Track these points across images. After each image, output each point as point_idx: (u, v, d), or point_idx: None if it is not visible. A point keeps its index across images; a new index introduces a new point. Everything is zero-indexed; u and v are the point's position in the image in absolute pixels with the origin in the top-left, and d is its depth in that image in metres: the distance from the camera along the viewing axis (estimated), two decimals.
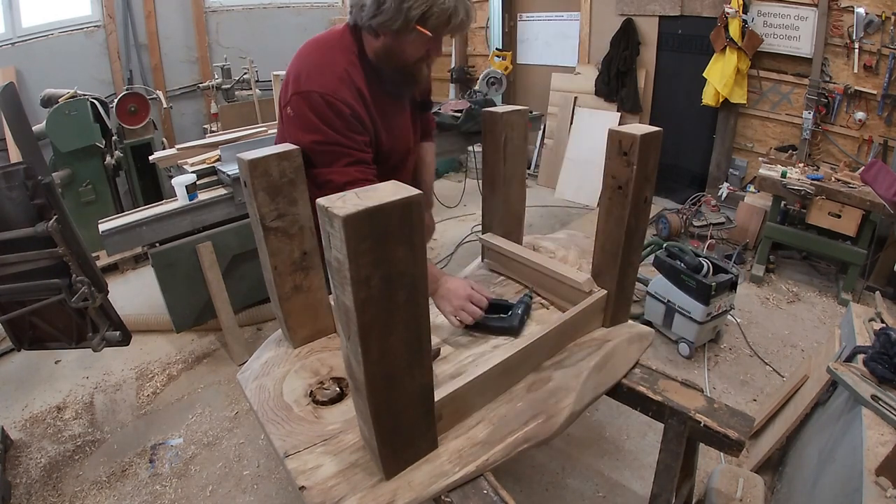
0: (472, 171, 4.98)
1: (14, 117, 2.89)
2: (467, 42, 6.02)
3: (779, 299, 3.23)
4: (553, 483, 2.01)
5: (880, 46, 3.22)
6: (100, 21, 4.40)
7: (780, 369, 2.56)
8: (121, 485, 2.07)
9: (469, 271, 1.72)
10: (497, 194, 1.59)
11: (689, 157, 4.41)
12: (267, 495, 2.01)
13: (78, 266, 1.78)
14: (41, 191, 1.67)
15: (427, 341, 0.89)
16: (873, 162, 2.98)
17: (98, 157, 3.61)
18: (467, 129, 3.21)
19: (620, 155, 1.20)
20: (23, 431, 2.36)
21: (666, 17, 4.24)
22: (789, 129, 3.82)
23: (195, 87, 4.79)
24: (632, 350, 1.39)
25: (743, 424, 1.20)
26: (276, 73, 3.25)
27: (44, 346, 2.04)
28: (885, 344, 1.54)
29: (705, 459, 2.02)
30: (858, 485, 1.23)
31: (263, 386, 1.23)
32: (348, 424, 1.08)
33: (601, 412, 2.32)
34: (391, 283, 0.79)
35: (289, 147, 1.16)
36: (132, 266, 3.87)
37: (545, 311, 1.48)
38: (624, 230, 1.26)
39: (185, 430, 2.34)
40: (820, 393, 1.78)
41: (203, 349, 2.92)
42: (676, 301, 2.62)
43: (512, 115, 1.48)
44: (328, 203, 0.74)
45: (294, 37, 5.48)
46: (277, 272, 1.23)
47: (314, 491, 0.95)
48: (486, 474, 1.02)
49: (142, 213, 2.46)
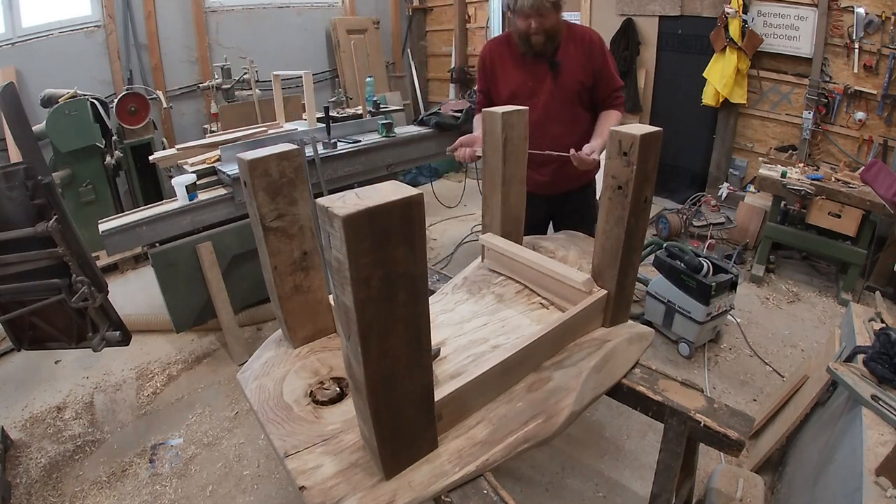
0: (472, 171, 4.98)
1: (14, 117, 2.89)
2: (467, 42, 6.03)
3: (779, 299, 3.23)
4: (553, 483, 2.01)
5: (880, 46, 3.22)
6: (100, 21, 4.39)
7: (780, 369, 2.56)
8: (121, 485, 2.07)
9: (469, 271, 1.72)
10: (497, 194, 1.59)
11: (689, 157, 4.41)
12: (267, 495, 2.01)
13: (78, 266, 1.78)
14: (41, 191, 1.67)
15: (427, 341, 0.89)
16: (873, 162, 2.98)
17: (98, 157, 3.62)
18: (467, 129, 3.21)
19: (620, 155, 1.20)
20: (23, 431, 2.36)
21: (666, 17, 4.24)
22: (789, 129, 3.82)
23: (195, 87, 4.79)
24: (632, 350, 1.39)
25: (743, 424, 1.20)
26: (276, 73, 3.25)
27: (44, 346, 2.05)
28: (885, 344, 1.54)
29: (705, 459, 2.02)
30: (858, 485, 1.23)
31: (263, 386, 1.23)
32: (348, 424, 1.08)
33: (601, 412, 2.32)
34: (391, 283, 0.79)
35: (288, 147, 1.16)
36: (132, 266, 3.87)
37: (545, 311, 1.48)
38: (624, 230, 1.26)
39: (185, 430, 2.34)
40: (820, 393, 1.78)
41: (203, 349, 2.92)
42: (676, 301, 2.62)
43: (512, 115, 1.47)
44: (328, 203, 0.74)
45: (294, 37, 5.49)
46: (277, 272, 1.23)
47: (314, 491, 0.95)
48: (486, 474, 1.02)
49: (142, 213, 2.47)
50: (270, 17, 5.33)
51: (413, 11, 6.36)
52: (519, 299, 1.52)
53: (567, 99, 2.06)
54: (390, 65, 6.33)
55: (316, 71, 5.38)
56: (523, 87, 2.07)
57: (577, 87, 2.04)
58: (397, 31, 6.38)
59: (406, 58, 6.46)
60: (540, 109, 2.04)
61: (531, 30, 1.91)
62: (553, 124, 2.07)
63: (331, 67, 5.83)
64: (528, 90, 2.07)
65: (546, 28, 1.92)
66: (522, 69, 2.06)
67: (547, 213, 2.32)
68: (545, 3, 1.86)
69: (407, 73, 6.44)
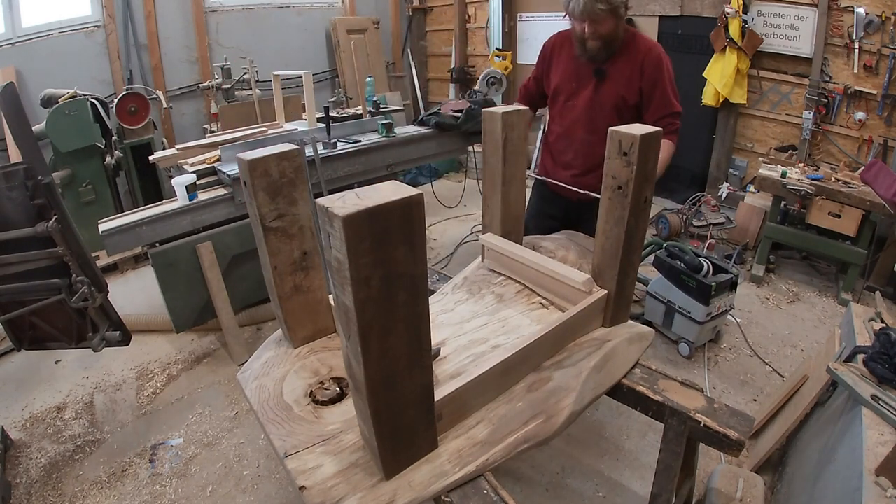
0: (472, 171, 4.98)
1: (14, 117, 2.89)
2: (467, 42, 6.03)
3: (779, 299, 3.23)
4: (553, 483, 2.01)
5: (880, 46, 3.22)
6: (100, 21, 4.39)
7: (780, 369, 2.56)
8: (121, 485, 2.07)
9: (469, 271, 1.72)
10: (497, 194, 1.59)
11: (689, 157, 4.40)
12: (267, 495, 2.01)
13: (78, 266, 1.78)
14: (41, 191, 1.67)
15: (427, 341, 0.89)
16: (873, 162, 2.99)
17: (98, 157, 3.61)
18: (467, 129, 3.21)
19: (620, 155, 1.20)
20: (23, 431, 2.36)
21: (666, 17, 4.24)
22: (789, 129, 3.82)
23: (195, 87, 4.78)
24: (632, 350, 1.39)
25: (743, 424, 1.20)
26: (276, 73, 3.25)
27: (44, 346, 2.05)
28: (885, 344, 1.54)
29: (705, 459, 2.02)
30: (858, 485, 1.23)
31: (263, 386, 1.23)
32: (348, 424, 1.08)
33: (601, 412, 2.32)
34: (391, 283, 0.79)
35: (289, 147, 1.16)
36: (132, 266, 3.87)
37: (545, 311, 1.48)
38: (624, 230, 1.26)
39: (185, 430, 2.34)
40: (820, 393, 1.78)
41: (203, 349, 2.92)
42: (676, 301, 2.62)
43: (512, 115, 1.47)
44: (328, 203, 0.74)
45: (294, 37, 5.48)
46: (277, 272, 1.23)
47: (314, 491, 0.95)
48: (486, 474, 1.02)
49: (142, 213, 2.46)
50: (270, 17, 5.33)
51: (413, 11, 6.36)
52: (519, 299, 1.52)
53: (604, 110, 1.99)
54: (390, 65, 6.33)
55: (316, 71, 5.38)
56: (567, 86, 2.06)
57: (617, 101, 1.96)
58: (397, 31, 6.38)
59: (406, 58, 6.46)
60: (576, 113, 2.04)
61: (586, 34, 1.86)
62: (582, 131, 2.05)
63: (331, 67, 5.83)
64: (570, 90, 2.05)
65: (602, 34, 1.85)
66: (572, 68, 2.04)
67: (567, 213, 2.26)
68: (598, 8, 1.77)
69: (407, 73, 6.44)
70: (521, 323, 1.41)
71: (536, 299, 1.52)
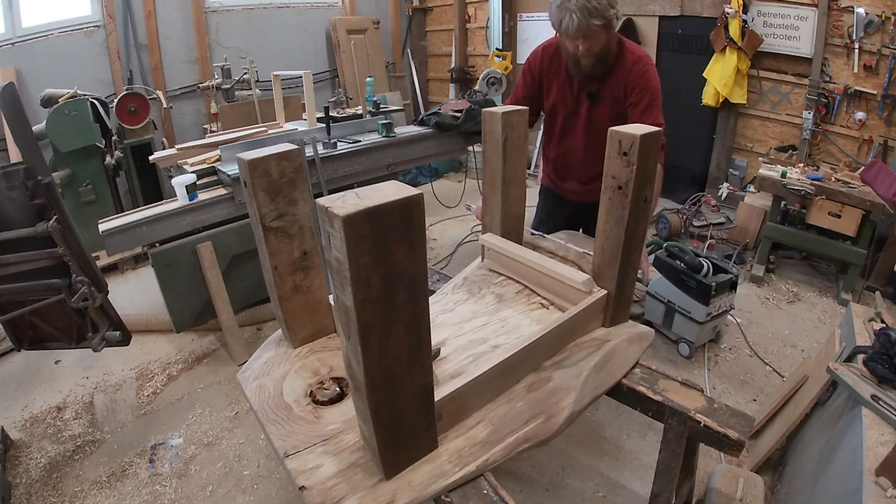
0: (472, 171, 4.98)
1: (14, 117, 2.89)
2: (467, 42, 6.03)
3: (779, 299, 3.23)
4: (553, 483, 2.01)
5: (880, 46, 3.22)
6: (100, 21, 4.39)
7: (780, 369, 2.56)
8: (121, 485, 2.07)
9: (469, 271, 1.72)
10: (497, 194, 1.59)
11: (689, 157, 4.41)
12: (267, 495, 2.01)
13: (78, 266, 1.78)
14: (41, 191, 1.67)
15: (427, 341, 0.89)
16: (873, 162, 2.98)
17: (98, 157, 3.62)
18: (467, 129, 3.21)
19: (620, 155, 1.20)
20: (23, 431, 2.36)
21: (666, 17, 4.24)
22: (789, 129, 3.82)
23: (195, 87, 4.78)
24: (632, 350, 1.39)
25: (743, 424, 1.20)
26: (275, 73, 3.25)
27: (44, 346, 2.05)
28: (885, 344, 1.54)
29: (705, 459, 2.02)
30: (858, 485, 1.23)
31: (263, 386, 1.23)
32: (348, 424, 1.08)
33: (601, 412, 2.32)
34: (391, 283, 0.79)
35: (288, 147, 1.16)
36: (132, 266, 3.87)
37: (545, 311, 1.48)
38: (624, 230, 1.26)
39: (185, 430, 2.34)
40: (820, 393, 1.78)
41: (203, 349, 2.92)
42: (676, 301, 2.62)
43: (512, 115, 1.47)
44: (328, 203, 0.74)
45: (294, 37, 5.48)
46: (277, 272, 1.23)
47: (314, 491, 0.95)
48: (486, 474, 1.02)
49: (142, 213, 2.47)
50: (270, 17, 5.33)
51: (413, 11, 6.36)
52: (519, 299, 1.52)
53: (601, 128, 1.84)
54: (390, 65, 6.33)
55: (316, 71, 5.39)
56: (562, 108, 2.01)
57: (612, 116, 1.87)
58: (397, 31, 6.38)
59: (406, 58, 6.46)
60: (574, 134, 2.02)
61: (580, 53, 1.76)
62: (582, 150, 2.03)
63: (331, 67, 5.83)
64: (566, 112, 2.01)
65: (596, 51, 1.76)
66: (566, 89, 1.96)
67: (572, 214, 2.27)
68: (593, 24, 1.65)
69: (407, 73, 6.45)
70: (521, 323, 1.41)
71: (536, 299, 1.52)
